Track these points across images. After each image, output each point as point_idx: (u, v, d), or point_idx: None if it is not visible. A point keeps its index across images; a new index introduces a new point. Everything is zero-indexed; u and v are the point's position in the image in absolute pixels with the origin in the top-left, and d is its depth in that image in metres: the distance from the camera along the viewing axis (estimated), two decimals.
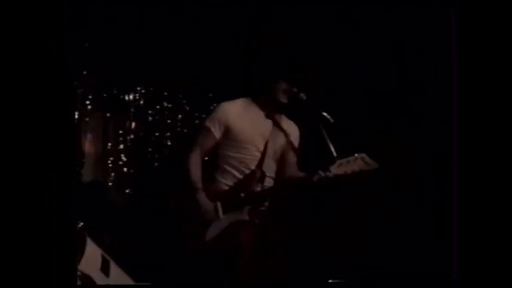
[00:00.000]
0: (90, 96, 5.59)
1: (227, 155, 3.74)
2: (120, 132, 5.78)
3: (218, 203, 3.67)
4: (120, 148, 5.76)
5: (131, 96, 5.76)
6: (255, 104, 3.79)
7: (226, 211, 3.66)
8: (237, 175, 3.72)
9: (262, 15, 4.76)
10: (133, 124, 5.78)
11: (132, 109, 5.76)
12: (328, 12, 4.67)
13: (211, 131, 3.72)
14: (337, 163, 3.48)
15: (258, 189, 3.67)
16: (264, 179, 3.69)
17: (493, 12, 3.41)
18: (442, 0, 4.08)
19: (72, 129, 4.98)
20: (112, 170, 5.74)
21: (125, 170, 5.72)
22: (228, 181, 3.74)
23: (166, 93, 5.80)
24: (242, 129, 3.70)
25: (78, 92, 5.44)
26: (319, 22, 4.75)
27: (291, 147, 3.80)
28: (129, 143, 5.76)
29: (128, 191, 5.67)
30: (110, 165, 5.75)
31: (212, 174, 3.78)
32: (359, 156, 3.47)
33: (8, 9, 2.67)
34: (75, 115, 5.39)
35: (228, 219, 3.65)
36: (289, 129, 3.85)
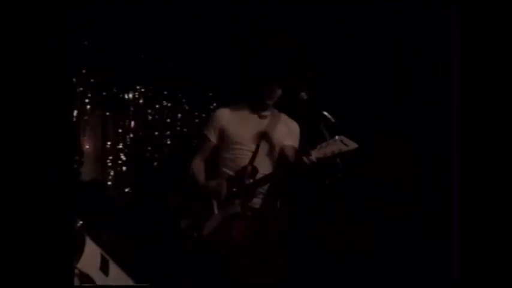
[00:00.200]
0: (89, 95, 5.58)
1: (224, 157, 3.86)
2: (120, 131, 5.77)
3: (214, 201, 3.77)
4: (120, 147, 5.75)
5: (131, 95, 5.75)
6: (248, 107, 3.90)
7: (220, 207, 3.74)
8: (231, 173, 3.80)
9: (262, 15, 4.77)
10: (132, 123, 5.77)
11: (131, 108, 5.75)
12: (328, 12, 4.68)
13: (208, 137, 3.90)
14: (317, 147, 3.55)
15: (248, 182, 3.75)
16: (256, 174, 3.75)
17: (493, 11, 3.41)
18: (442, 0, 4.08)
19: (70, 127, 5.01)
20: (111, 169, 5.74)
21: (124, 169, 5.71)
22: (223, 181, 3.81)
23: (166, 93, 5.80)
24: (235, 131, 3.83)
25: (77, 90, 5.43)
26: (319, 22, 4.76)
27: (286, 144, 3.86)
28: (128, 142, 5.75)
29: (127, 190, 5.66)
30: (109, 164, 5.75)
31: (213, 178, 3.87)
32: (338, 138, 3.53)
33: (7, 8, 2.66)
34: (74, 113, 5.38)
35: (222, 214, 3.74)
36: (288, 128, 3.92)
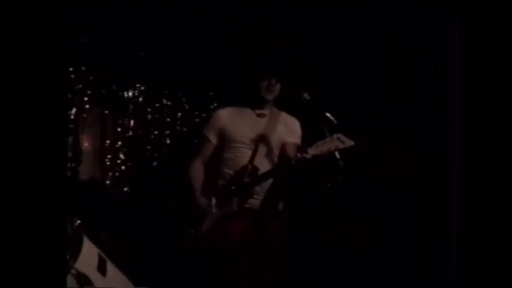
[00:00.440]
0: (88, 93, 5.56)
1: (224, 157, 3.88)
2: (119, 129, 5.75)
3: (213, 199, 3.79)
4: (119, 146, 5.73)
5: (130, 94, 5.73)
6: (247, 105, 3.92)
7: (219, 205, 3.76)
8: (231, 173, 3.82)
9: (262, 15, 4.77)
10: (132, 122, 5.75)
11: (131, 106, 5.74)
12: (328, 12, 4.68)
13: (208, 137, 3.91)
14: (314, 145, 3.56)
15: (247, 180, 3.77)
16: (256, 172, 3.75)
17: (493, 12, 3.41)
18: (442, 0, 4.08)
19: (67, 126, 5.01)
20: (110, 168, 5.72)
21: (123, 168, 5.70)
22: (223, 180, 3.86)
23: (166, 91, 5.79)
24: (234, 130, 3.85)
25: (76, 88, 5.42)
26: (319, 22, 4.76)
27: (288, 141, 3.86)
28: (127, 141, 5.73)
29: (126, 189, 5.65)
30: (108, 163, 5.73)
31: (214, 178, 3.90)
32: (335, 136, 3.54)
33: (7, 7, 2.65)
34: (73, 111, 5.37)
35: (220, 212, 3.75)
36: (289, 126, 3.93)
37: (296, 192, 4.31)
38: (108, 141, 5.75)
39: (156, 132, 5.80)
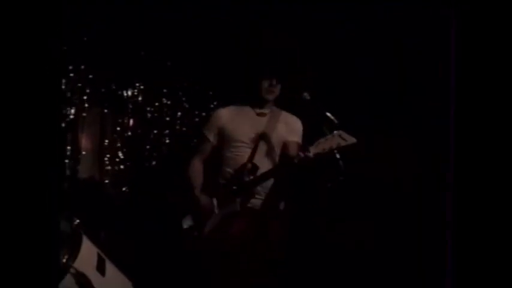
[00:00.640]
0: (87, 91, 5.54)
1: (225, 156, 3.87)
2: (118, 128, 5.73)
3: (214, 199, 3.79)
4: (118, 145, 5.72)
5: (130, 93, 5.71)
6: (247, 104, 3.92)
7: (221, 205, 3.76)
8: (231, 172, 3.82)
9: (262, 15, 4.77)
10: (131, 121, 5.73)
11: (130, 105, 5.72)
12: (328, 12, 4.68)
13: (207, 137, 3.92)
14: (315, 143, 3.55)
15: (248, 179, 3.75)
16: (256, 170, 3.75)
17: (493, 12, 3.42)
18: (442, 0, 4.08)
19: (64, 124, 5.00)
20: (109, 167, 5.70)
21: (122, 167, 5.68)
22: (224, 179, 3.85)
23: (165, 90, 5.77)
24: (234, 130, 3.85)
25: (75, 87, 5.40)
26: (319, 22, 4.76)
27: (290, 140, 3.86)
28: (126, 140, 5.72)
29: (125, 188, 5.63)
30: (107, 163, 5.71)
31: (214, 178, 3.90)
32: (336, 133, 3.53)
33: (6, 6, 2.65)
34: (72, 110, 5.36)
35: (222, 212, 3.75)
36: (290, 124, 3.93)
37: (297, 191, 4.31)
38: (107, 140, 5.72)
39: (155, 132, 5.78)
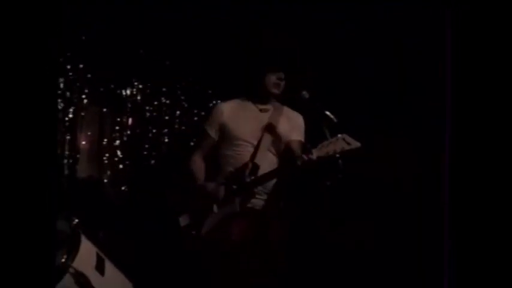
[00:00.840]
0: (86, 91, 5.54)
1: (225, 154, 3.82)
2: (117, 128, 5.73)
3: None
4: (116, 144, 5.71)
5: (128, 92, 5.71)
6: (250, 100, 3.87)
7: (220, 205, 3.71)
8: (231, 170, 3.77)
9: (262, 15, 4.77)
10: (130, 120, 5.73)
11: (129, 104, 5.72)
12: (328, 12, 4.69)
13: (208, 133, 3.86)
14: (319, 146, 3.53)
15: (249, 180, 3.71)
16: (257, 170, 3.72)
17: (492, 12, 3.42)
18: (442, 0, 4.08)
19: (63, 123, 4.99)
20: (108, 166, 5.70)
21: (121, 166, 5.68)
22: (224, 178, 3.80)
23: (164, 89, 5.77)
24: (236, 127, 3.79)
25: (74, 86, 5.40)
26: (319, 22, 4.76)
27: (293, 139, 3.83)
28: (125, 139, 5.71)
29: (124, 188, 5.63)
30: (106, 162, 5.71)
31: (214, 176, 3.85)
32: (340, 136, 3.51)
33: (5, 6, 2.64)
34: (71, 110, 5.35)
35: (222, 212, 3.71)
36: (292, 121, 3.89)
37: (298, 192, 4.31)
38: (106, 140, 5.72)
39: (154, 131, 5.78)
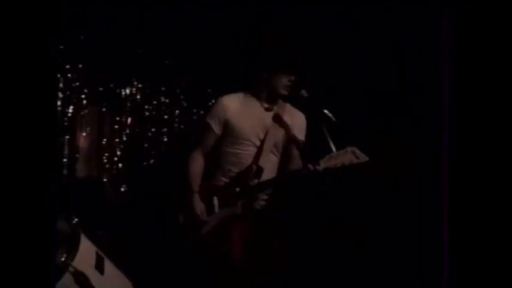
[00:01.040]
0: (85, 90, 5.54)
1: (226, 151, 3.78)
2: (116, 127, 5.72)
3: (215, 198, 3.73)
4: (116, 143, 5.71)
5: (128, 91, 5.70)
6: (255, 97, 3.82)
7: (221, 206, 3.71)
8: (234, 170, 3.75)
9: (262, 15, 4.76)
10: (129, 119, 5.73)
11: (128, 104, 5.71)
12: (328, 12, 4.68)
13: (211, 127, 3.77)
14: (327, 157, 3.52)
15: (253, 183, 3.69)
16: (261, 173, 3.70)
17: (490, 12, 3.42)
18: (442, 0, 4.08)
19: (62, 123, 4.99)
20: (107, 165, 5.70)
21: (120, 166, 5.68)
22: (226, 178, 3.78)
23: (163, 89, 5.77)
24: (240, 125, 3.74)
25: (73, 85, 5.40)
26: (319, 22, 4.75)
27: (294, 140, 3.80)
28: (125, 139, 5.71)
29: (123, 187, 5.63)
30: (105, 161, 5.71)
31: (213, 173, 3.82)
32: (349, 149, 3.51)
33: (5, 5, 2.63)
34: (70, 109, 5.35)
35: (222, 214, 3.70)
36: (294, 119, 3.86)
37: (298, 191, 4.31)
38: (105, 139, 5.72)
39: (153, 130, 5.77)
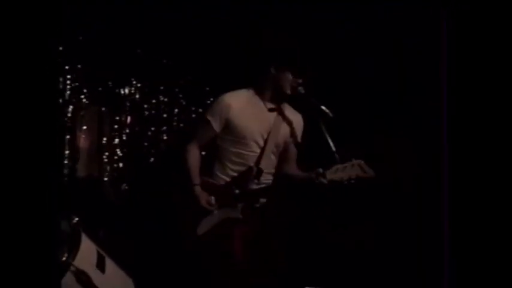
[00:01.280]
0: (85, 90, 5.54)
1: (227, 150, 3.76)
2: (116, 126, 5.73)
3: (213, 198, 3.71)
4: (116, 143, 5.71)
5: (127, 90, 5.71)
6: (258, 96, 3.80)
7: (219, 206, 3.69)
8: (235, 170, 3.74)
9: (262, 15, 4.76)
10: (129, 118, 5.73)
11: (127, 103, 5.72)
12: (328, 12, 4.68)
13: (211, 124, 3.74)
14: (333, 168, 3.50)
15: (253, 186, 3.68)
16: (260, 175, 3.70)
17: (489, 12, 3.42)
18: (441, 0, 4.08)
19: (62, 123, 4.99)
20: (107, 165, 5.70)
21: (120, 165, 5.68)
22: (225, 176, 3.77)
23: (162, 88, 5.77)
24: (243, 125, 3.72)
25: (73, 86, 5.40)
26: (319, 22, 4.75)
27: (293, 140, 3.82)
28: (124, 138, 5.72)
29: (124, 186, 5.64)
30: (105, 160, 5.71)
31: (211, 168, 3.80)
32: (356, 162, 3.49)
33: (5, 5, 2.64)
34: (70, 109, 5.36)
35: (221, 215, 3.69)
36: (293, 120, 3.86)
37: (298, 192, 4.31)
38: (105, 139, 5.72)
39: (153, 129, 5.78)
